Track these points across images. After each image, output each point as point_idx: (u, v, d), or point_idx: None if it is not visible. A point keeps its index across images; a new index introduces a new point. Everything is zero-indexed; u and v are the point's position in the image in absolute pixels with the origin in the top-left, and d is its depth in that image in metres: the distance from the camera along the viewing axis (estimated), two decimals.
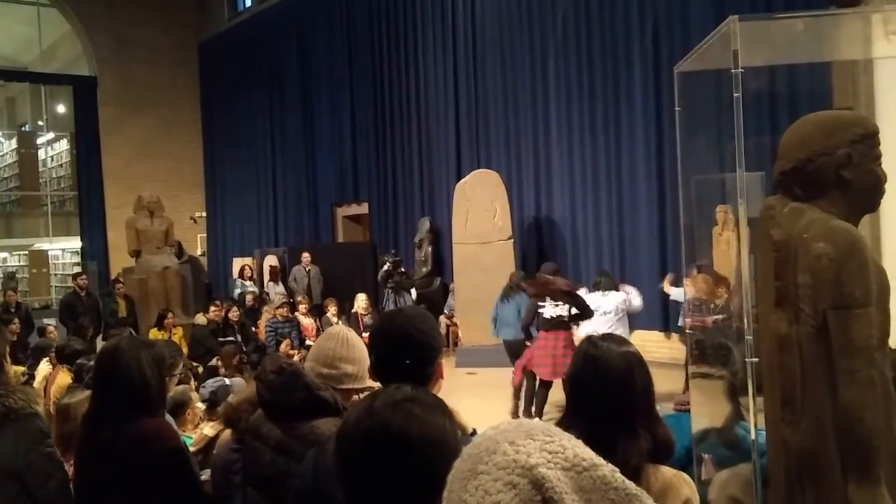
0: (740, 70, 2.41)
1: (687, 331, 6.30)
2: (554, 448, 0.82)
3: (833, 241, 2.03)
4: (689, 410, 3.21)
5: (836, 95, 5.40)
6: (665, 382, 7.19)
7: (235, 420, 3.24)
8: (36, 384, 6.14)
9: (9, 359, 2.82)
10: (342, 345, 2.21)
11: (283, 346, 9.15)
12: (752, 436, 2.38)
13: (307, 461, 1.83)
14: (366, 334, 3.77)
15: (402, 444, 1.18)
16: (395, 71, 14.63)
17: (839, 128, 2.16)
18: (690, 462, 2.86)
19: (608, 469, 0.83)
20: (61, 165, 21.59)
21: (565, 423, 1.79)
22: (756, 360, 2.33)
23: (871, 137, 2.16)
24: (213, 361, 8.55)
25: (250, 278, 13.31)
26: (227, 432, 4.16)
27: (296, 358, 7.61)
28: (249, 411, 2.40)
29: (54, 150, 21.88)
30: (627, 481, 0.83)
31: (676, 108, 3.22)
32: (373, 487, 1.18)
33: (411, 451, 1.17)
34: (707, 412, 3.12)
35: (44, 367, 6.51)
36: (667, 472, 1.76)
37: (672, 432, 1.84)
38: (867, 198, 2.17)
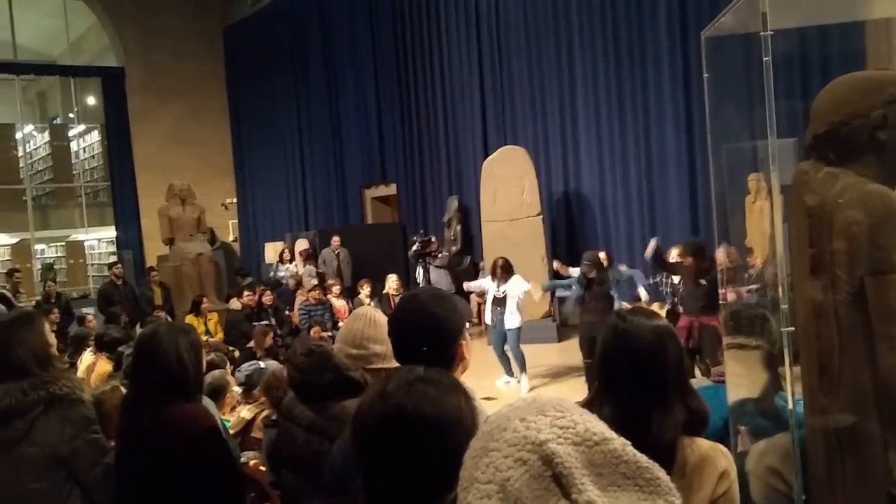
0: (770, 33, 2.34)
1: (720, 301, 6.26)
2: (565, 423, 0.82)
3: (868, 206, 1.98)
4: (724, 382, 3.17)
5: (869, 56, 5.25)
6: None
7: (273, 391, 3.31)
8: (80, 373, 6.23)
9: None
10: (369, 325, 2.21)
11: (314, 332, 9.20)
12: (790, 405, 2.34)
13: (335, 450, 1.82)
14: None
15: (417, 425, 1.15)
16: (419, 50, 14.56)
17: (874, 89, 2.10)
18: (728, 434, 2.83)
19: (619, 443, 0.82)
20: (93, 157, 21.85)
21: (598, 399, 1.77)
22: (792, 328, 2.29)
23: None
24: (250, 344, 8.67)
25: (290, 261, 13.39)
26: (267, 412, 4.24)
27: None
28: (282, 384, 2.42)
29: (86, 142, 22.14)
30: (639, 454, 0.82)
31: (705, 75, 3.16)
32: (390, 471, 1.16)
33: (426, 433, 1.15)
34: (744, 383, 3.09)
35: (87, 357, 6.58)
36: (703, 444, 1.74)
37: (707, 403, 1.82)
38: None
